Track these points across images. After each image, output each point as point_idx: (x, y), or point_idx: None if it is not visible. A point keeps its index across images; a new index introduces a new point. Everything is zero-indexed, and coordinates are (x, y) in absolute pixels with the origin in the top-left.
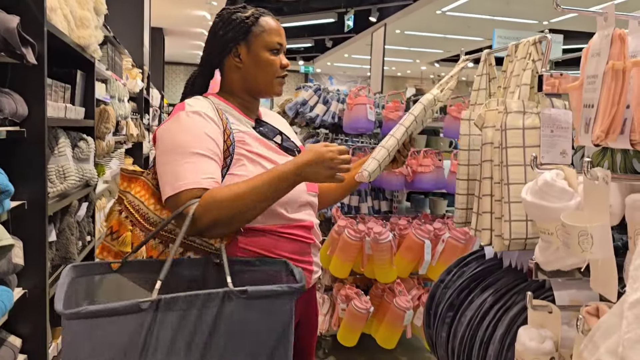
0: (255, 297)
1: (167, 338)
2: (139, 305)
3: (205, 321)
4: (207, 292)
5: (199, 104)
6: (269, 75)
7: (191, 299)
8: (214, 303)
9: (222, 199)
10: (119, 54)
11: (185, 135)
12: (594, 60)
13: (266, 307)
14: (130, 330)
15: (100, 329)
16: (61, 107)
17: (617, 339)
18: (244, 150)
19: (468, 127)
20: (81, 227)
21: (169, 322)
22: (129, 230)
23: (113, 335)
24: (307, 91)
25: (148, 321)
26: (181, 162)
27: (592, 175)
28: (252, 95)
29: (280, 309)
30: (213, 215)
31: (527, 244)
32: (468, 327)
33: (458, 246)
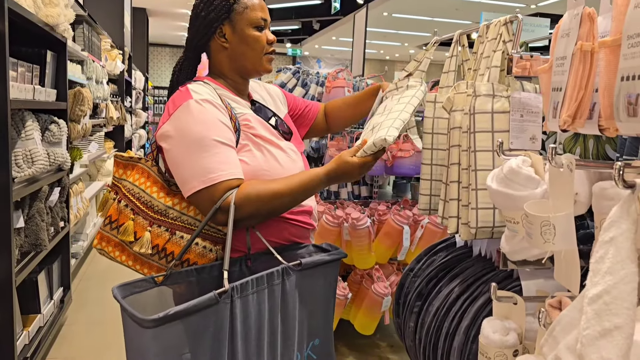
0: (309, 267)
1: (251, 320)
2: (216, 297)
3: (275, 298)
4: (269, 271)
5: (204, 90)
6: (257, 52)
7: (257, 280)
8: (277, 280)
9: (261, 193)
10: (96, 34)
11: (203, 125)
12: (563, 41)
13: (318, 275)
14: (213, 323)
15: (185, 329)
16: (28, 89)
17: (576, 335)
18: (249, 134)
19: (433, 110)
20: (54, 212)
21: (247, 306)
22: (130, 219)
23: (198, 334)
24: (286, 74)
25: (228, 310)
26: (207, 154)
27: (556, 162)
28: (242, 76)
29: (330, 274)
30: (252, 207)
31: (494, 232)
32: (435, 318)
33: (437, 232)
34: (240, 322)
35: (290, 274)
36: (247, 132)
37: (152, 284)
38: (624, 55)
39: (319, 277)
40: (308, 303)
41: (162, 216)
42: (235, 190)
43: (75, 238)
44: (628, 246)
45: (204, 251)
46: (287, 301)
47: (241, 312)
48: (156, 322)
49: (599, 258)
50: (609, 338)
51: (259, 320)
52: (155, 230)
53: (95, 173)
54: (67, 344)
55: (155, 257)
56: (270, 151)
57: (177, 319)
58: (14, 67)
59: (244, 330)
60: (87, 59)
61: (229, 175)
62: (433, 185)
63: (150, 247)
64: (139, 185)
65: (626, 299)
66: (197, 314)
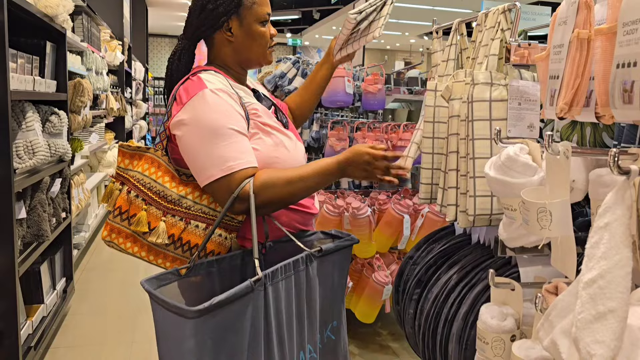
0: (329, 253)
1: (281, 307)
2: (252, 285)
3: (300, 284)
4: (294, 258)
5: (217, 80)
6: (262, 47)
7: (285, 267)
8: (302, 266)
9: (277, 181)
10: (95, 25)
11: (219, 114)
12: (561, 29)
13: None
14: (250, 310)
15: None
16: (28, 80)
17: (572, 319)
18: (258, 123)
19: (434, 98)
20: (55, 203)
21: (277, 293)
22: (142, 209)
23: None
24: (286, 63)
25: (261, 297)
26: (224, 142)
27: (553, 149)
28: (243, 67)
29: (345, 258)
30: (268, 195)
31: (492, 219)
32: (434, 305)
33: (437, 221)
34: (273, 308)
35: (312, 260)
36: (255, 120)
37: (176, 277)
38: (619, 42)
39: (335, 262)
40: (326, 287)
41: (176, 206)
42: (252, 178)
43: (77, 229)
44: (622, 231)
45: (219, 239)
46: (311, 286)
47: (273, 299)
48: (201, 312)
49: (593, 243)
50: (603, 321)
51: (288, 305)
52: (170, 220)
53: (96, 164)
54: (70, 334)
55: (171, 247)
56: (278, 138)
57: (219, 308)
58: (13, 59)
59: (277, 315)
60: (86, 50)
61: (246, 164)
62: (434, 174)
63: (167, 237)
64: (150, 175)
65: (620, 283)
66: (235, 302)
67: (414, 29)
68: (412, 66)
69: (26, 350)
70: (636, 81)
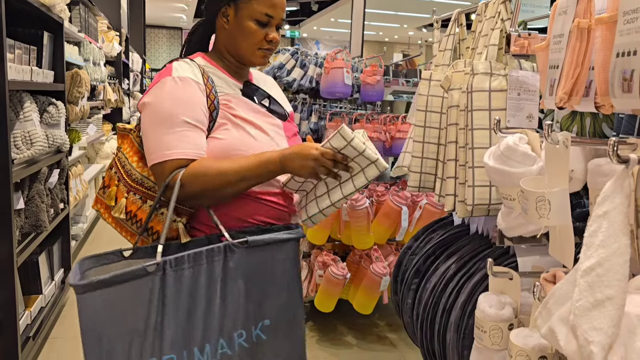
0: (257, 245)
1: (183, 295)
2: (145, 269)
3: (215, 274)
4: (210, 247)
5: (185, 68)
6: (250, 45)
7: (195, 256)
8: (219, 257)
9: (207, 172)
10: (93, 15)
11: (171, 102)
12: (561, 18)
13: (272, 255)
14: (143, 294)
15: (114, 298)
16: (26, 70)
17: (570, 307)
18: (228, 114)
19: (427, 87)
20: (53, 194)
21: (182, 280)
22: (115, 185)
23: (127, 302)
24: (285, 54)
25: (158, 283)
26: (168, 130)
27: (552, 138)
28: (237, 60)
29: (285, 255)
30: (198, 186)
31: (490, 209)
32: (432, 294)
33: (435, 212)
34: (173, 294)
35: (235, 251)
36: (226, 111)
37: (119, 257)
38: (619, 31)
39: (271, 256)
40: (256, 282)
41: (138, 185)
42: (184, 168)
43: (74, 220)
44: (621, 220)
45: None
46: (229, 279)
47: (174, 286)
48: (84, 288)
49: (592, 232)
50: (600, 309)
51: (194, 295)
52: (131, 197)
53: (93, 155)
54: (68, 324)
55: (129, 222)
56: (248, 131)
57: (105, 286)
58: (11, 49)
59: (176, 303)
60: (84, 41)
61: (180, 155)
62: (424, 163)
63: (124, 212)
64: (126, 154)
65: (618, 271)
66: (127, 283)
67: (412, 21)
68: (410, 58)
69: (25, 341)
70: (636, 70)
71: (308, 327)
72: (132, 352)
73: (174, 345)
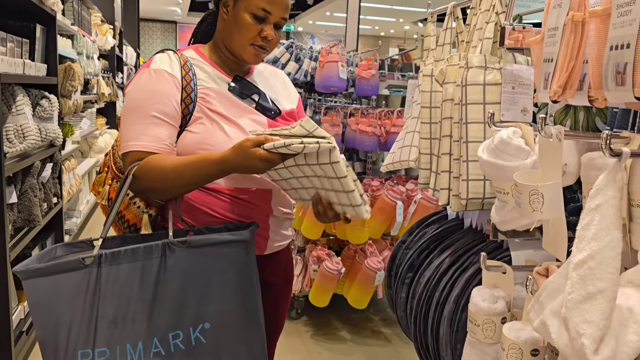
0: (198, 245)
1: (118, 290)
2: (82, 261)
3: (151, 272)
4: (148, 244)
5: (164, 60)
6: (242, 39)
7: (133, 251)
8: (156, 255)
9: (156, 168)
10: (86, 8)
11: (143, 94)
12: (555, 11)
13: (215, 256)
14: (79, 285)
15: (52, 287)
16: (18, 63)
17: (562, 300)
18: (205, 108)
19: (430, 84)
20: (46, 188)
21: (117, 275)
22: (105, 171)
23: (64, 292)
24: (279, 48)
25: (94, 276)
26: (135, 122)
27: (546, 132)
28: (230, 53)
29: (229, 257)
30: (149, 180)
31: (484, 203)
32: (425, 288)
33: (430, 207)
34: (108, 289)
35: (174, 250)
36: (203, 105)
37: (90, 247)
38: (613, 24)
39: (213, 258)
40: (197, 283)
41: (121, 173)
42: (139, 162)
43: (68, 215)
44: (613, 213)
45: (138, 211)
46: (166, 278)
47: (110, 280)
48: (23, 274)
49: (584, 225)
50: (592, 302)
51: (128, 290)
52: (114, 185)
53: (87, 150)
54: None
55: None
56: (221, 126)
57: (43, 275)
58: (3, 42)
59: (111, 297)
60: (77, 34)
61: (139, 147)
62: (432, 160)
63: (107, 199)
64: (117, 142)
65: (610, 264)
66: (65, 274)
67: (408, 15)
68: (405, 51)
69: (18, 335)
70: (629, 63)
71: (302, 322)
72: (69, 340)
73: (107, 340)
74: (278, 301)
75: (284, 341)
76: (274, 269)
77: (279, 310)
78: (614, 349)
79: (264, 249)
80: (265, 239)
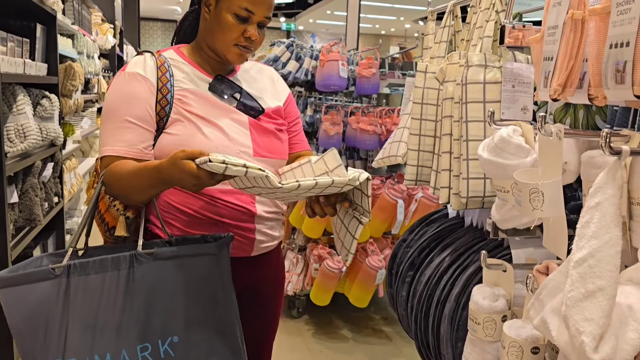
0: (165, 258)
1: (87, 301)
2: (51, 271)
3: (119, 283)
4: (117, 255)
5: (139, 63)
6: (226, 40)
7: (101, 262)
8: (124, 266)
9: (116, 174)
10: (86, 8)
11: (116, 98)
12: (555, 10)
13: (184, 269)
14: (49, 295)
15: (23, 295)
16: (19, 63)
17: (562, 298)
18: (182, 110)
19: (423, 80)
20: (47, 188)
21: (86, 285)
22: (94, 176)
23: (35, 301)
24: (280, 47)
25: (64, 286)
26: (109, 126)
27: (546, 130)
28: (213, 53)
29: (200, 270)
30: (115, 185)
31: (484, 202)
32: (426, 286)
33: (431, 205)
34: (77, 299)
35: (142, 261)
36: (179, 106)
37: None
38: (613, 22)
39: (183, 270)
40: (164, 296)
41: None
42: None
43: (69, 214)
44: (613, 211)
45: (117, 213)
46: (136, 288)
47: (79, 291)
48: None
49: (584, 223)
50: (592, 299)
51: (96, 301)
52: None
53: (88, 149)
54: None
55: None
56: (200, 128)
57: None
58: (3, 41)
59: (80, 308)
60: (77, 33)
61: (110, 151)
62: (420, 156)
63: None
64: None
65: (610, 262)
66: (35, 284)
67: (409, 14)
68: (406, 50)
69: None
70: (629, 61)
71: (304, 321)
72: (42, 349)
73: (76, 350)
74: (267, 304)
75: (285, 340)
76: (263, 271)
77: (269, 313)
78: (613, 346)
79: (250, 250)
80: (251, 241)
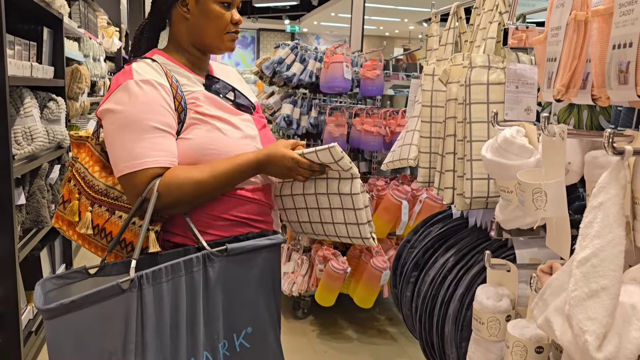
0: (237, 253)
1: (166, 310)
2: (119, 286)
3: (195, 285)
4: (188, 257)
5: (148, 70)
6: (218, 30)
7: (173, 267)
8: (197, 267)
9: (183, 182)
10: (92, 11)
11: (136, 107)
12: (558, 11)
13: (253, 262)
14: (118, 313)
15: (87, 319)
16: (26, 66)
17: (565, 297)
18: (196, 114)
19: (431, 83)
20: (54, 190)
21: (160, 295)
22: (76, 199)
23: (102, 323)
24: (284, 49)
25: (135, 300)
26: (137, 138)
27: (549, 131)
28: (201, 51)
29: (266, 261)
30: (174, 196)
31: (488, 202)
32: (430, 287)
33: (435, 206)
34: (153, 310)
35: (214, 260)
36: (194, 110)
37: (84, 275)
38: (615, 23)
39: (252, 263)
40: (236, 290)
41: (103, 196)
42: (159, 179)
43: None
44: (616, 211)
45: (140, 230)
46: (210, 288)
47: (154, 301)
48: (53, 311)
49: (587, 223)
50: (595, 299)
51: (176, 309)
52: (97, 210)
53: None
54: None
55: (97, 237)
56: (218, 127)
57: (77, 308)
58: (11, 45)
59: (158, 318)
60: (83, 36)
61: (153, 163)
62: (432, 158)
63: (92, 227)
64: (85, 164)
65: (613, 262)
66: (101, 303)
67: (413, 16)
68: (410, 51)
69: (27, 335)
70: (631, 62)
71: (309, 321)
72: None
73: None
74: None
75: (290, 340)
76: None
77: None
78: (617, 345)
79: None
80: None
